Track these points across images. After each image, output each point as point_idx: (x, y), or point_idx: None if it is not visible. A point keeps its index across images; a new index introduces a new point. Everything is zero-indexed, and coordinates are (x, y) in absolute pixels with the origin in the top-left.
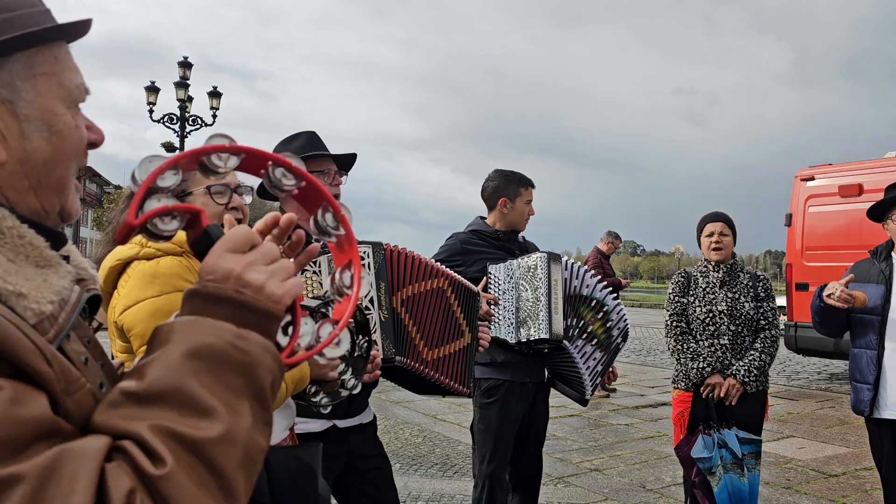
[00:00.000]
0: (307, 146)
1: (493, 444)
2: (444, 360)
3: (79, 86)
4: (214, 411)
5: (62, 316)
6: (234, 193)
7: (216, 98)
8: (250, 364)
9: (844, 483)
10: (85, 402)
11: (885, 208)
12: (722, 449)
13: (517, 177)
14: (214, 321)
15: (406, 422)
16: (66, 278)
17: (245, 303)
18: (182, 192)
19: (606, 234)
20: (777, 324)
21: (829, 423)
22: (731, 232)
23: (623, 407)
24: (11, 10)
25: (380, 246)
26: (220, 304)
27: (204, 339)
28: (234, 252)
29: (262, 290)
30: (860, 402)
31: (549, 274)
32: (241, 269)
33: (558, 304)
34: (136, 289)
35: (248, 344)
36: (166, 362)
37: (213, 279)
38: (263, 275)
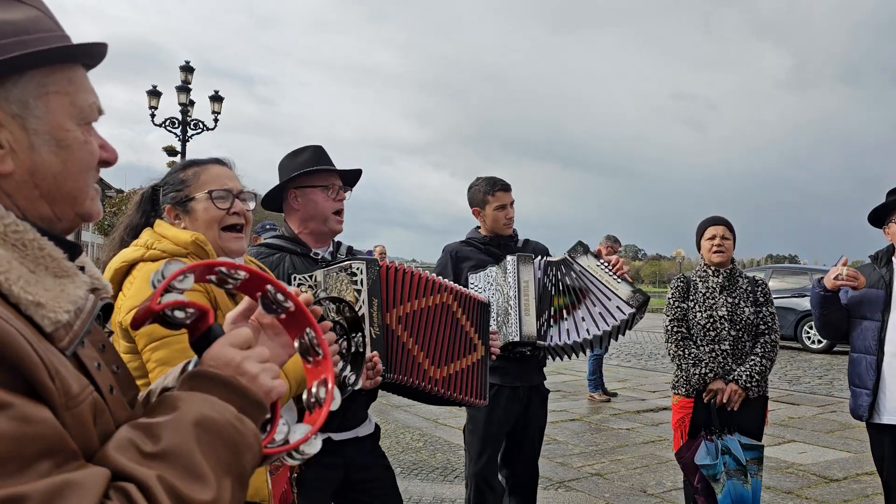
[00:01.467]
0: (312, 160)
1: (480, 445)
2: (456, 375)
3: (91, 105)
4: (208, 479)
5: (77, 323)
6: (236, 199)
7: (218, 102)
8: (242, 445)
9: (846, 488)
10: (83, 418)
11: (885, 213)
12: (725, 455)
13: (485, 185)
14: (218, 399)
15: (407, 426)
16: (81, 288)
17: (241, 389)
18: (185, 198)
19: (605, 238)
20: (777, 328)
21: (831, 428)
22: (731, 236)
23: (624, 411)
24: (29, 32)
25: (374, 262)
26: (222, 386)
27: (209, 413)
28: (234, 346)
29: (255, 381)
30: (859, 406)
31: (518, 276)
32: (239, 359)
33: (529, 306)
34: (142, 290)
35: (245, 427)
36: (177, 426)
37: (215, 364)
38: (257, 368)
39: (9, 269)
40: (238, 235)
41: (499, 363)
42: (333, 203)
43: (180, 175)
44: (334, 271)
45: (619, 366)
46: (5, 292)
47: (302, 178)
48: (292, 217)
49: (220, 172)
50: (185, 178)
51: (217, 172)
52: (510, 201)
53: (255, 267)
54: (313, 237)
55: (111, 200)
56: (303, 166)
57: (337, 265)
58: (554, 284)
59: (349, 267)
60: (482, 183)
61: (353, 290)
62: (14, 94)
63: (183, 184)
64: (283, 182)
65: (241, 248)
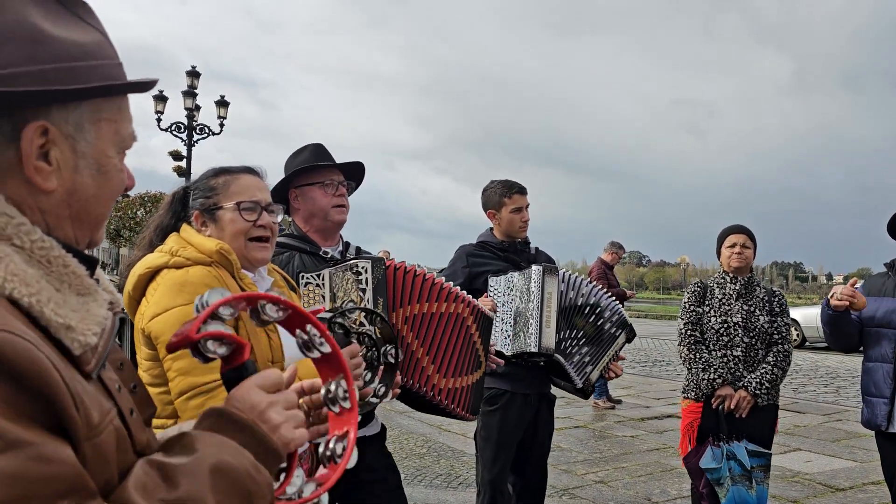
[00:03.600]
0: (311, 158)
1: (494, 452)
2: (460, 391)
3: (131, 134)
4: None
5: (101, 344)
6: (264, 211)
7: (224, 107)
8: (256, 496)
9: (851, 497)
10: (104, 447)
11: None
12: (731, 461)
13: (501, 187)
14: (237, 445)
15: (410, 432)
16: (103, 307)
17: (261, 437)
18: (213, 206)
19: (610, 245)
20: (790, 339)
21: (837, 437)
22: (752, 245)
23: (628, 418)
24: (95, 58)
25: (380, 261)
26: (242, 430)
27: (228, 460)
28: (262, 389)
29: (277, 430)
30: (876, 416)
31: (542, 287)
32: (264, 406)
33: (551, 318)
34: (166, 297)
35: (261, 477)
36: (195, 471)
37: (240, 407)
38: (281, 417)
39: (39, 289)
40: (263, 245)
41: (511, 370)
42: (333, 198)
43: (211, 182)
44: (340, 270)
45: (623, 372)
46: (36, 315)
47: (300, 177)
48: (296, 217)
49: (251, 183)
50: (215, 185)
51: (247, 183)
52: (526, 204)
53: (298, 304)
54: (319, 234)
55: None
56: (303, 164)
57: (343, 264)
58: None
59: (354, 266)
60: (498, 186)
61: (358, 290)
62: (73, 117)
63: (213, 191)
64: (283, 183)
65: (266, 259)
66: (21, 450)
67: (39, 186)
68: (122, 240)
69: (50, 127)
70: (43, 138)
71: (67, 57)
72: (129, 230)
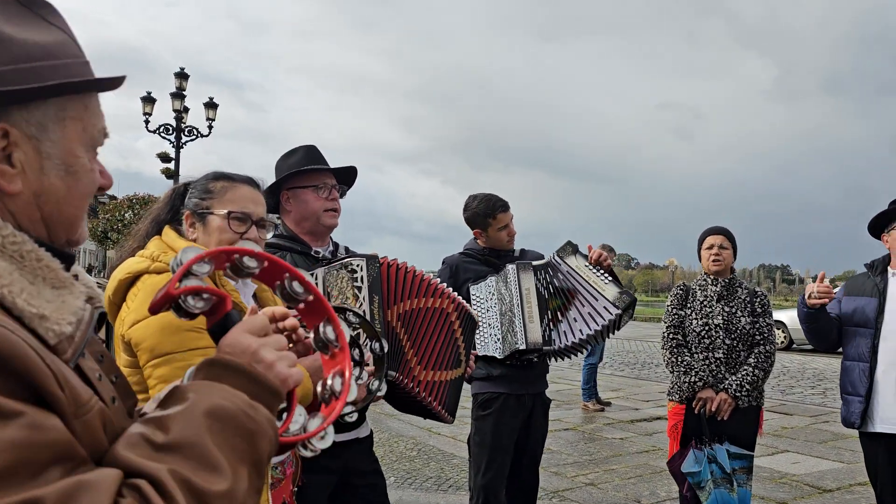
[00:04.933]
0: (304, 160)
1: (489, 456)
2: (438, 385)
3: (101, 130)
4: (222, 469)
5: (78, 335)
6: (254, 225)
7: (212, 109)
8: (257, 433)
9: (839, 498)
10: (93, 425)
11: (886, 220)
12: (712, 464)
13: (484, 207)
14: (230, 388)
15: (401, 435)
16: (80, 298)
17: (257, 376)
18: (206, 209)
19: (601, 248)
20: (773, 340)
21: (824, 438)
22: (730, 245)
23: (618, 421)
24: (57, 58)
25: (375, 259)
26: (236, 374)
27: (221, 402)
28: (251, 333)
29: (271, 368)
30: (851, 414)
31: (519, 284)
32: (256, 346)
33: (533, 312)
34: (146, 304)
35: (258, 414)
36: (188, 417)
37: (231, 352)
38: (274, 356)
39: (11, 281)
40: None
41: (504, 371)
42: (325, 202)
43: (209, 185)
44: (335, 269)
45: (612, 375)
46: (8, 305)
47: (293, 179)
48: (287, 218)
49: (247, 194)
50: (212, 189)
51: (244, 193)
52: (511, 219)
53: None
54: (310, 236)
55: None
56: (293, 167)
57: (337, 262)
58: (545, 287)
59: (349, 264)
60: (480, 206)
61: (354, 287)
62: (35, 117)
63: (209, 194)
64: (275, 185)
65: None
66: (13, 419)
67: (4, 189)
68: (110, 242)
69: (10, 129)
70: (4, 140)
71: (27, 58)
72: (116, 232)
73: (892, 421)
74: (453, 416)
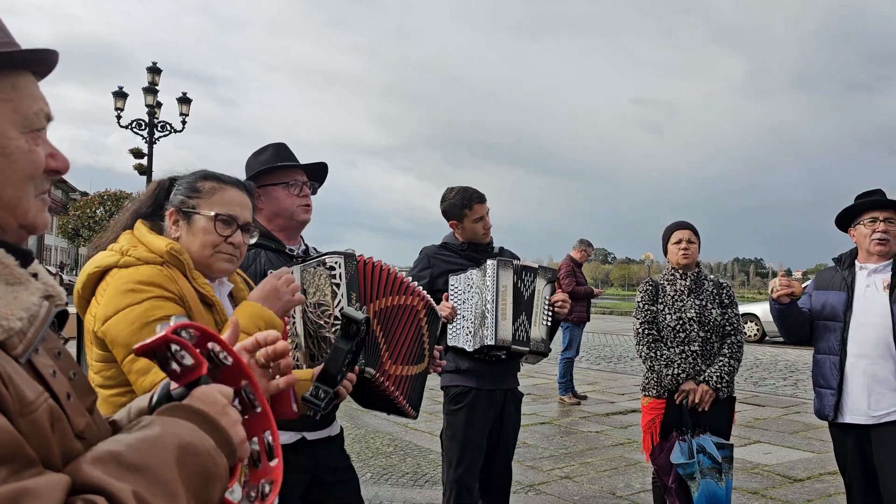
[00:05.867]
0: (274, 157)
1: (460, 450)
2: (405, 379)
3: (37, 112)
4: (179, 499)
5: (31, 331)
6: (240, 229)
7: (186, 104)
8: (216, 477)
9: (809, 487)
10: (40, 424)
11: (852, 215)
12: (700, 454)
13: (460, 199)
14: (199, 429)
15: (377, 431)
16: (35, 295)
17: (223, 430)
18: (192, 209)
19: (579, 242)
20: (742, 330)
21: (795, 429)
22: (696, 239)
23: (593, 414)
24: None
25: (352, 257)
26: (206, 422)
27: (192, 440)
28: (222, 394)
29: (234, 426)
30: (824, 406)
31: (497, 280)
32: (224, 403)
33: (507, 310)
34: (115, 297)
35: (221, 460)
36: (159, 445)
37: (203, 401)
38: (237, 417)
39: None
40: (230, 257)
41: (475, 366)
42: (297, 199)
43: (198, 184)
44: (311, 266)
45: (588, 369)
46: None
47: (263, 177)
48: (258, 216)
49: (235, 198)
50: (201, 188)
51: (232, 197)
52: (487, 211)
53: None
54: (283, 234)
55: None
56: (264, 164)
57: (314, 260)
58: (525, 288)
59: (327, 261)
60: (456, 197)
61: (332, 285)
62: None
63: (196, 193)
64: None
65: (229, 271)
66: None
67: None
68: (81, 239)
69: None
70: None
71: None
72: (87, 229)
73: (860, 412)
74: (417, 410)
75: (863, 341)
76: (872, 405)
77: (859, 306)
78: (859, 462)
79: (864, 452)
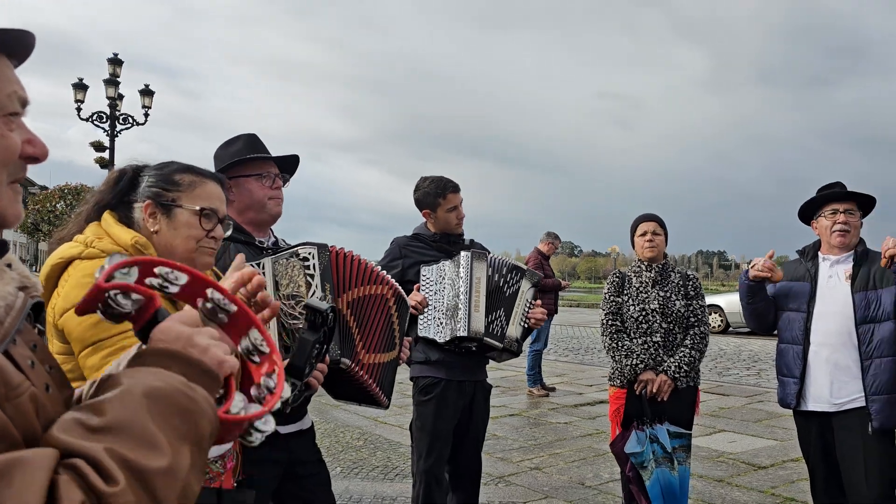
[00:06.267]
0: (246, 149)
1: (430, 441)
2: (377, 367)
3: (10, 95)
4: (161, 447)
5: (7, 321)
6: (220, 223)
7: (148, 97)
8: (195, 412)
9: (773, 474)
10: (24, 409)
11: (814, 207)
12: (653, 443)
13: (434, 187)
14: (165, 371)
15: (347, 425)
16: (10, 284)
17: (192, 359)
18: (172, 202)
19: (546, 235)
20: (706, 321)
21: (758, 417)
22: (663, 231)
23: (562, 405)
24: None
25: (325, 248)
26: (171, 358)
27: (157, 384)
28: (184, 323)
29: (206, 352)
30: (787, 395)
31: (471, 272)
32: (189, 333)
33: (480, 302)
34: (76, 289)
35: (195, 394)
36: (123, 399)
37: (164, 339)
38: (208, 341)
39: None
40: (211, 251)
41: (445, 357)
42: (269, 191)
43: (176, 176)
44: (284, 258)
45: (556, 360)
46: None
47: (235, 168)
48: (229, 209)
49: (215, 192)
50: (180, 181)
51: (212, 191)
52: (460, 201)
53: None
54: (253, 227)
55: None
56: (235, 156)
57: (287, 251)
58: (497, 281)
59: (300, 252)
60: (431, 185)
61: (306, 276)
62: None
63: (175, 186)
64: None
65: (210, 265)
66: None
67: None
68: (41, 234)
69: None
70: None
71: None
72: (48, 224)
73: (822, 399)
74: (389, 398)
75: (825, 331)
76: (835, 393)
77: (822, 296)
78: (822, 449)
79: (826, 439)
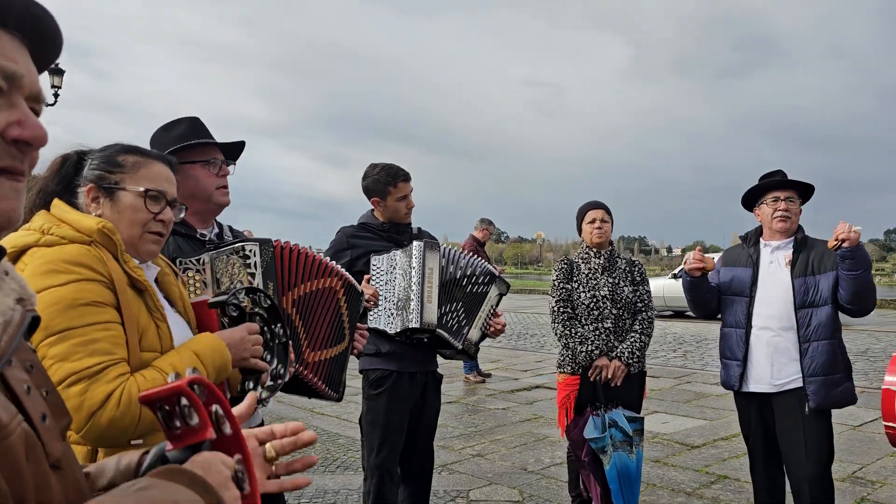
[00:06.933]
0: (189, 133)
1: (382, 435)
2: (324, 363)
3: None
4: None
5: (4, 339)
6: (168, 206)
7: (58, 76)
8: None
9: (705, 453)
10: (14, 452)
11: (757, 195)
12: (612, 428)
13: (385, 175)
14: (200, 499)
15: (282, 417)
16: (10, 297)
17: (222, 501)
18: (115, 184)
19: (480, 222)
20: (652, 306)
21: (688, 398)
22: (609, 218)
23: (499, 391)
24: None
25: (268, 243)
26: (205, 492)
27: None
28: (225, 465)
29: (235, 501)
30: (730, 377)
31: (423, 262)
32: (224, 479)
33: (433, 293)
34: (38, 277)
35: None
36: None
37: (205, 470)
38: (237, 494)
39: None
40: (158, 239)
41: (393, 348)
42: (217, 179)
43: (119, 157)
44: (224, 254)
45: (490, 346)
46: None
47: (180, 154)
48: None
49: (162, 173)
50: (123, 162)
51: (159, 171)
52: (411, 190)
53: None
54: (197, 217)
55: None
56: (179, 140)
57: (227, 247)
58: (450, 272)
59: (241, 249)
60: (381, 174)
61: (247, 274)
62: None
63: (118, 168)
64: None
65: (156, 253)
66: None
67: None
68: None
69: None
70: None
71: None
72: None
73: (763, 381)
74: (338, 392)
75: (767, 314)
76: (775, 374)
77: (764, 281)
78: (761, 428)
79: (765, 419)
